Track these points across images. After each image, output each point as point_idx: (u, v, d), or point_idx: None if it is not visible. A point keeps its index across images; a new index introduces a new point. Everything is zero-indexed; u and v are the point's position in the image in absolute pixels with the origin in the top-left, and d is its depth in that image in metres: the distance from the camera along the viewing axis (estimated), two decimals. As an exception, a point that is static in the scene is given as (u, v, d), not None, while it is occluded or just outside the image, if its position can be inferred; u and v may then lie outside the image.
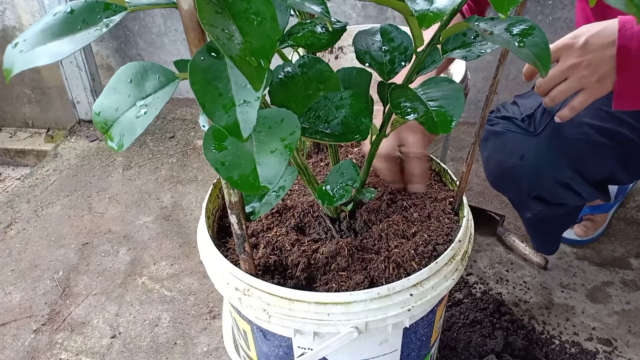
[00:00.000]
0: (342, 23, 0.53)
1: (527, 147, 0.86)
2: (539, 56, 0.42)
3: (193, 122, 1.74)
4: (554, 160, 0.84)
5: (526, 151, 0.86)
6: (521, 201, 0.94)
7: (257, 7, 0.32)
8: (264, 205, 0.57)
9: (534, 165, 0.86)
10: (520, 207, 0.97)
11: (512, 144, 0.88)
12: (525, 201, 0.92)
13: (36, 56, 0.35)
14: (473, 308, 1.02)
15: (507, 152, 0.89)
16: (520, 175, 0.88)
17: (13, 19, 1.70)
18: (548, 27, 1.45)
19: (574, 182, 0.85)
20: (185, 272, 1.16)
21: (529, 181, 0.88)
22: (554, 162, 0.84)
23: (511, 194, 0.96)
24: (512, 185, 0.91)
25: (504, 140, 0.89)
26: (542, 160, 0.85)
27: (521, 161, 0.87)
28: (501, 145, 0.90)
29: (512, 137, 0.88)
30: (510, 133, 0.88)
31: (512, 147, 0.88)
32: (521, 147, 0.87)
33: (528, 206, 0.94)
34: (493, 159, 0.92)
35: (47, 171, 1.54)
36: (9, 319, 1.08)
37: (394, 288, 0.55)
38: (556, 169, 0.85)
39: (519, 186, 0.90)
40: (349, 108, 0.51)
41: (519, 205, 0.98)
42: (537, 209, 0.94)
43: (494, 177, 0.94)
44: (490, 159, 0.93)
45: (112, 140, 0.40)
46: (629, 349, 0.96)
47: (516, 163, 0.87)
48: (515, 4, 0.34)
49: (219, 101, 0.34)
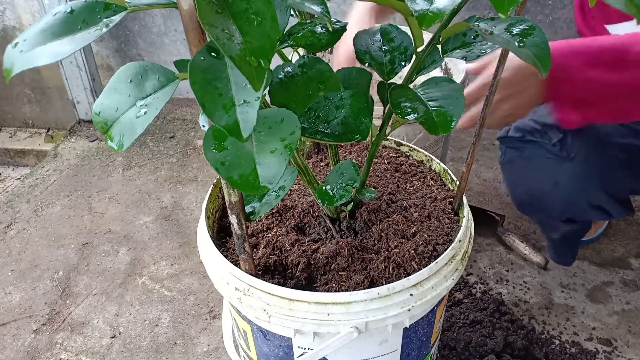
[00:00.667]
0: (342, 23, 0.53)
1: (561, 173, 0.84)
2: (539, 56, 0.42)
3: (193, 122, 1.74)
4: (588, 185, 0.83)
5: (559, 177, 0.84)
6: (550, 224, 0.94)
7: (257, 7, 0.32)
8: (264, 205, 0.57)
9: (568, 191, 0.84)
10: (549, 229, 0.97)
11: (544, 170, 0.86)
12: (555, 224, 0.91)
13: (36, 56, 0.35)
14: (473, 308, 1.02)
15: (538, 178, 0.87)
16: (553, 200, 0.86)
17: (13, 19, 1.70)
18: (548, 27, 1.45)
19: (607, 204, 0.85)
20: (185, 272, 1.16)
21: (561, 206, 0.86)
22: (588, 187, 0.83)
23: (540, 217, 0.94)
24: (543, 210, 0.90)
25: (534, 165, 0.87)
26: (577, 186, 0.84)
27: (554, 187, 0.85)
28: (531, 170, 0.87)
29: (543, 163, 0.86)
30: (541, 159, 0.86)
31: (544, 174, 0.86)
32: (554, 173, 0.85)
33: (556, 228, 0.93)
34: (521, 184, 0.90)
35: (47, 171, 1.54)
36: (9, 319, 1.08)
37: (394, 288, 0.55)
38: (590, 193, 0.84)
39: (550, 211, 0.88)
40: (349, 108, 0.51)
41: (547, 228, 0.97)
42: (564, 229, 0.93)
43: (523, 202, 0.92)
44: (518, 184, 0.91)
45: (112, 140, 0.40)
46: (629, 349, 0.96)
47: (549, 189, 0.85)
48: (515, 4, 0.34)
49: (219, 101, 0.34)
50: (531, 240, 1.19)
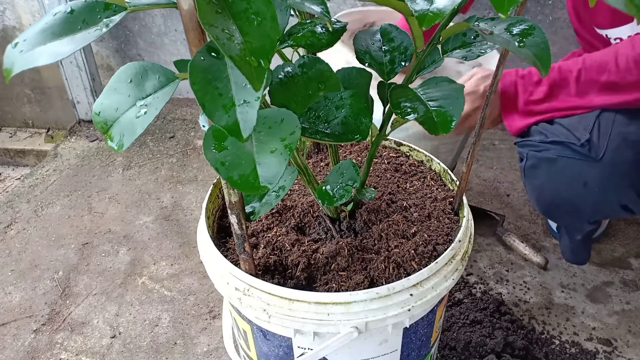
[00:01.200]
0: (342, 23, 0.53)
1: (590, 174, 0.83)
2: (539, 56, 0.42)
3: (193, 122, 1.74)
4: (618, 185, 0.83)
5: (589, 178, 0.83)
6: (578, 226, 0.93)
7: (257, 7, 0.32)
8: (264, 205, 0.57)
9: (599, 192, 0.83)
10: (574, 230, 0.96)
11: (572, 172, 0.85)
12: (583, 226, 0.91)
13: (36, 56, 0.35)
14: (473, 308, 1.02)
15: (566, 180, 0.86)
16: (583, 202, 0.86)
17: (13, 19, 1.70)
18: (548, 27, 1.45)
19: (634, 203, 0.85)
20: (185, 272, 1.16)
21: (592, 208, 0.86)
22: (618, 186, 0.83)
23: (569, 220, 0.93)
24: (572, 212, 0.89)
25: (562, 167, 0.86)
26: (607, 186, 0.83)
27: (584, 189, 0.84)
28: (558, 172, 0.86)
29: (570, 164, 0.85)
30: (568, 160, 0.85)
31: (573, 175, 0.85)
32: (583, 174, 0.84)
33: (582, 229, 0.93)
34: (548, 187, 0.89)
35: (47, 171, 1.54)
36: (9, 319, 1.08)
37: (394, 288, 0.55)
38: (621, 193, 0.83)
39: (580, 213, 0.87)
40: (349, 108, 0.51)
41: (572, 229, 0.96)
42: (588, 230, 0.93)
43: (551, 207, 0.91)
44: (544, 188, 0.90)
45: (112, 140, 0.40)
46: (629, 349, 0.96)
47: (579, 191, 0.85)
48: (515, 4, 0.34)
49: (219, 101, 0.34)
50: (531, 240, 1.19)
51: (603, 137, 0.83)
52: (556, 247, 1.16)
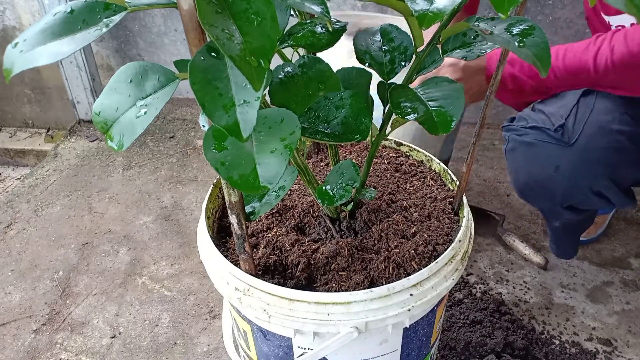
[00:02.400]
0: (342, 23, 0.53)
1: (562, 158, 0.85)
2: (539, 56, 0.42)
3: (193, 122, 1.74)
4: (590, 170, 0.84)
5: (561, 162, 0.85)
6: (552, 211, 0.94)
7: (257, 7, 0.32)
8: (264, 205, 0.57)
9: (569, 176, 0.85)
10: (550, 216, 0.97)
11: (545, 155, 0.87)
12: (557, 211, 0.92)
13: (36, 56, 0.35)
14: (473, 308, 1.02)
15: (540, 163, 0.88)
16: (554, 186, 0.87)
17: (13, 19, 1.70)
18: (548, 27, 1.45)
19: (608, 190, 0.85)
20: (185, 272, 1.16)
21: (563, 192, 0.87)
22: (590, 172, 0.84)
23: (542, 204, 0.95)
24: (545, 195, 0.90)
25: (536, 151, 0.88)
26: (578, 171, 0.84)
27: (556, 172, 0.86)
28: (533, 156, 0.88)
29: (545, 148, 0.87)
30: (543, 144, 0.87)
31: (546, 158, 0.87)
32: (555, 158, 0.86)
33: (559, 215, 0.94)
34: (523, 170, 0.91)
35: (47, 171, 1.54)
36: (9, 319, 1.08)
37: (394, 288, 0.55)
38: (592, 179, 0.84)
39: (552, 197, 0.89)
40: (349, 108, 0.51)
41: (549, 215, 0.97)
42: (566, 218, 0.93)
43: (524, 188, 0.93)
44: (520, 170, 0.92)
45: (112, 140, 0.40)
46: (629, 349, 0.96)
47: (551, 174, 0.86)
48: (515, 4, 0.34)
49: (219, 101, 0.34)
50: (531, 240, 1.19)
51: (579, 123, 0.85)
52: (556, 247, 1.16)
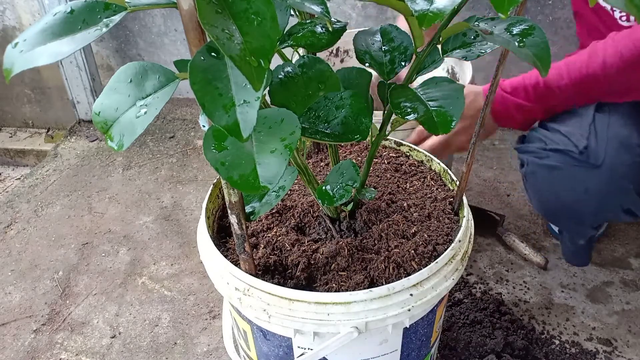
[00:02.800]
0: (342, 23, 0.53)
1: (591, 180, 0.84)
2: (539, 56, 0.42)
3: (193, 122, 1.74)
4: (619, 189, 0.83)
5: (590, 184, 0.84)
6: (580, 231, 0.94)
7: (257, 7, 0.32)
8: (264, 205, 0.57)
9: (600, 197, 0.84)
10: (577, 235, 0.97)
11: (573, 179, 0.86)
12: (585, 230, 0.93)
13: (36, 56, 0.35)
14: (473, 308, 1.02)
15: (567, 187, 0.87)
16: (584, 208, 0.87)
17: (13, 19, 1.70)
18: (548, 27, 1.45)
19: (636, 206, 0.85)
20: (185, 272, 1.16)
21: (594, 213, 0.87)
22: (619, 191, 0.84)
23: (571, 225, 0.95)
24: (573, 217, 0.90)
25: (562, 174, 0.87)
26: (608, 191, 0.84)
27: (586, 195, 0.85)
28: (559, 180, 0.88)
29: (571, 171, 0.86)
30: (568, 167, 0.86)
31: (574, 182, 0.86)
32: (584, 181, 0.85)
33: (585, 234, 0.95)
34: (549, 194, 0.90)
35: (47, 171, 1.54)
36: (9, 319, 1.08)
37: (394, 288, 0.55)
38: (623, 197, 0.84)
39: (581, 217, 0.89)
40: (349, 108, 0.51)
41: (575, 234, 0.98)
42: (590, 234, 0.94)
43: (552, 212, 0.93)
44: (544, 193, 0.91)
45: (112, 140, 0.40)
46: (629, 349, 0.96)
47: (580, 196, 0.86)
48: (515, 4, 0.34)
49: (219, 101, 0.34)
50: (531, 240, 1.19)
51: (601, 142, 0.84)
52: (556, 247, 1.16)
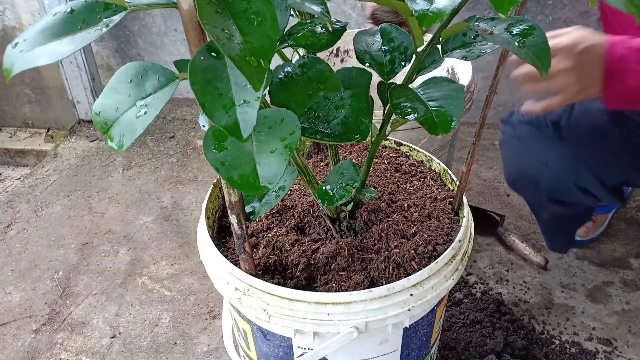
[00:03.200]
0: (342, 23, 0.53)
1: (552, 155, 0.87)
2: (539, 56, 0.42)
3: (193, 122, 1.74)
4: (576, 167, 0.86)
5: (550, 158, 0.88)
6: (539, 203, 0.97)
7: (257, 7, 0.32)
8: (264, 205, 0.57)
9: (556, 172, 0.87)
10: (538, 208, 1.00)
11: (536, 151, 0.89)
12: (543, 203, 0.95)
13: (36, 56, 0.35)
14: (473, 308, 1.02)
15: (531, 158, 0.90)
16: (541, 179, 0.89)
17: (13, 19, 1.70)
18: (548, 27, 1.45)
19: (593, 187, 0.87)
20: (185, 272, 1.16)
21: (549, 185, 0.89)
22: (576, 169, 0.86)
23: (529, 195, 0.98)
24: (532, 188, 0.93)
25: (529, 146, 0.90)
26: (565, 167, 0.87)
27: (544, 167, 0.88)
28: (525, 151, 0.91)
29: (537, 144, 0.89)
30: (536, 140, 0.89)
31: (537, 154, 0.89)
32: (546, 154, 0.88)
33: (545, 207, 0.97)
34: (515, 162, 0.94)
35: (47, 171, 1.54)
36: (9, 319, 1.08)
37: (394, 288, 0.55)
38: (577, 176, 0.86)
39: (539, 189, 0.91)
40: (349, 108, 0.51)
41: (536, 207, 1.00)
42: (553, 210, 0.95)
43: (514, 180, 0.96)
44: (511, 162, 0.95)
45: (112, 140, 0.40)
46: (629, 349, 0.96)
47: (539, 169, 0.89)
48: (515, 4, 0.34)
49: (219, 101, 0.34)
50: (531, 240, 1.19)
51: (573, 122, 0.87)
52: (556, 247, 1.16)
